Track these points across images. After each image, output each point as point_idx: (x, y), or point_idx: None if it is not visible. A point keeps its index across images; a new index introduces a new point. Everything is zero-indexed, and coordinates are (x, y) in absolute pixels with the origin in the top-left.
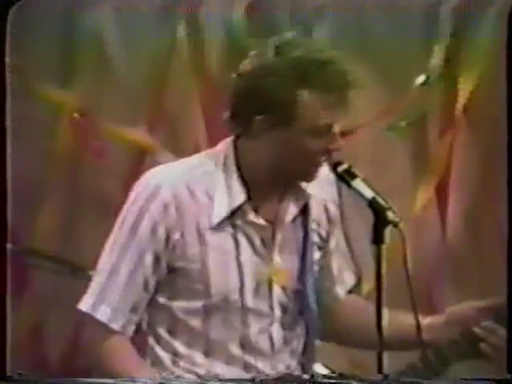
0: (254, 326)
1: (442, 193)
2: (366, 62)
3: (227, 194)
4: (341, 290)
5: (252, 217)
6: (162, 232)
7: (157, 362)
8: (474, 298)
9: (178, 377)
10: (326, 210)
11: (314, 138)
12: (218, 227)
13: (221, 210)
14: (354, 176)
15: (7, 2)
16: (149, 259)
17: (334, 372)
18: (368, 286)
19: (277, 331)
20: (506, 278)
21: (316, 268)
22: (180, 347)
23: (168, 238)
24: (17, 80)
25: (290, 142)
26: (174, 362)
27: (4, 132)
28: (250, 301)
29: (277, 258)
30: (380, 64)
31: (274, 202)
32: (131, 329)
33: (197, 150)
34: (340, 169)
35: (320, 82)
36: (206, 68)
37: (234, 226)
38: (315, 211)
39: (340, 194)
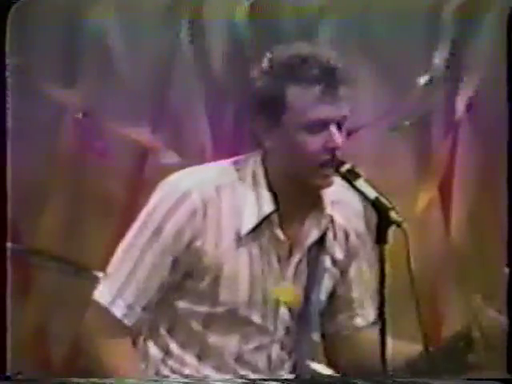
0: (254, 342)
1: (445, 192)
2: (369, 62)
3: (257, 203)
4: (361, 322)
5: (277, 231)
6: (186, 238)
7: (146, 357)
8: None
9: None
10: (347, 238)
11: (308, 133)
12: (243, 237)
13: (250, 219)
14: (357, 176)
15: (7, 2)
16: (168, 262)
17: (337, 372)
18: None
19: (276, 351)
20: (507, 279)
21: (324, 297)
22: (174, 346)
23: (190, 244)
24: (20, 80)
25: (286, 140)
26: (164, 360)
27: (4, 132)
28: (255, 316)
29: (289, 277)
30: (383, 64)
31: (298, 221)
32: (139, 326)
33: (200, 150)
34: (343, 169)
35: (303, 74)
36: (209, 68)
37: (256, 241)
38: (335, 239)
39: (368, 228)
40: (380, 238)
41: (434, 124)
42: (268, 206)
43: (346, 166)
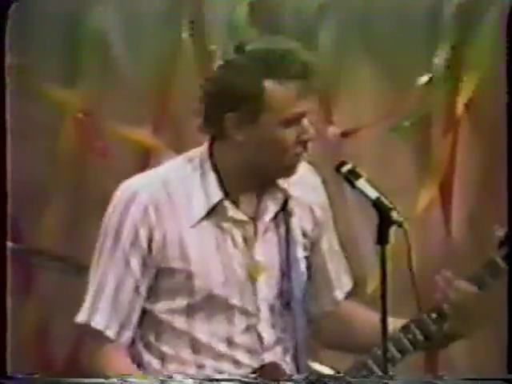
0: (240, 324)
1: (445, 192)
2: (369, 61)
3: (204, 193)
4: (340, 294)
5: (232, 212)
6: (144, 234)
7: (147, 369)
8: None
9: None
10: (312, 212)
11: (284, 128)
12: (199, 226)
13: (199, 209)
14: (357, 176)
15: (7, 2)
16: (135, 264)
17: (338, 372)
18: (373, 285)
19: (266, 330)
20: (507, 279)
21: (303, 267)
22: (167, 350)
23: (150, 240)
24: (20, 80)
25: (263, 136)
26: (163, 366)
27: (4, 132)
28: (234, 298)
29: (259, 254)
30: (383, 64)
31: (253, 199)
32: (126, 336)
33: None
34: (344, 169)
35: (281, 71)
36: (210, 68)
37: (215, 224)
38: (298, 212)
39: (329, 198)
40: (381, 238)
41: (435, 124)
42: (216, 195)
43: (347, 166)
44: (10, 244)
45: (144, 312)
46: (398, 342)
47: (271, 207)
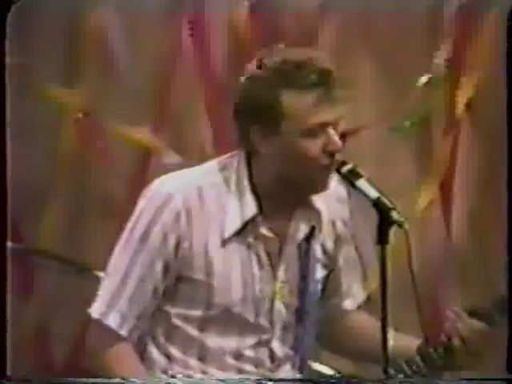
0: (251, 340)
1: (445, 192)
2: (369, 62)
3: (239, 207)
4: (350, 304)
5: (263, 230)
6: (172, 240)
7: (152, 365)
8: (478, 297)
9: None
10: (334, 227)
11: (307, 139)
12: (228, 240)
13: (233, 223)
14: (358, 176)
15: (8, 2)
16: (159, 267)
17: (339, 372)
18: (373, 286)
19: (278, 347)
20: (507, 277)
21: (319, 287)
22: (175, 352)
23: (178, 247)
24: (21, 80)
25: (286, 147)
26: (169, 367)
27: (4, 132)
28: (251, 315)
29: (281, 273)
30: (383, 64)
31: (285, 217)
32: (136, 334)
33: (202, 150)
34: (344, 169)
35: (297, 81)
36: (210, 68)
37: (243, 240)
38: (322, 229)
39: (351, 212)
40: (381, 238)
41: (435, 124)
42: (251, 210)
43: (348, 166)
44: (10, 244)
45: (157, 309)
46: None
47: (303, 228)
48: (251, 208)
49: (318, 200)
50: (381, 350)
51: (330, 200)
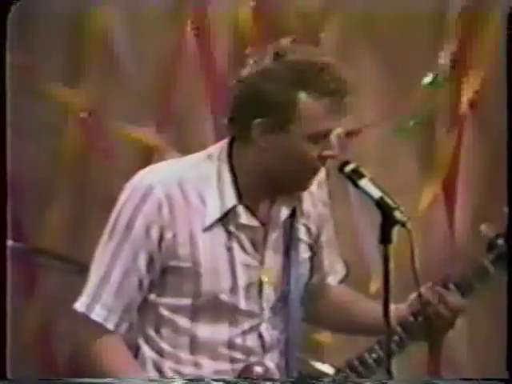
0: (242, 326)
1: (449, 192)
2: (373, 61)
3: (219, 196)
4: (332, 280)
5: (244, 219)
6: (155, 232)
7: (144, 362)
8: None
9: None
10: (316, 208)
11: (311, 143)
12: (210, 229)
13: (213, 213)
14: (361, 176)
15: (7, 1)
16: (142, 259)
17: (339, 370)
18: (376, 285)
19: (267, 331)
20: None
21: (307, 267)
22: (166, 347)
23: (161, 238)
24: (25, 80)
25: (288, 147)
26: (161, 362)
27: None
28: (240, 302)
29: (268, 258)
30: (387, 64)
31: (266, 203)
32: (124, 327)
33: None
34: (347, 168)
35: (318, 86)
36: (214, 68)
37: (226, 228)
38: (305, 210)
39: (329, 194)
40: (384, 238)
41: (438, 124)
42: (230, 201)
43: (351, 166)
44: (12, 243)
45: (146, 302)
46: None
47: (284, 211)
48: (231, 198)
49: None
50: (369, 321)
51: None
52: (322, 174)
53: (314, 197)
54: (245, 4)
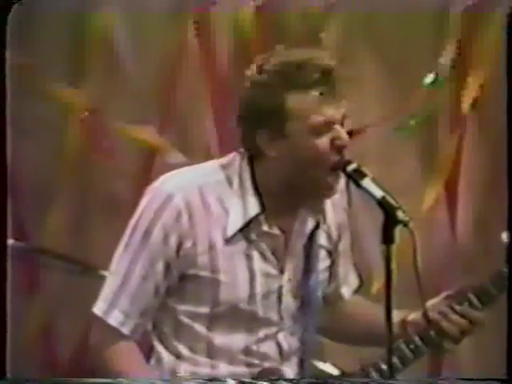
0: (260, 334)
1: (451, 191)
2: (375, 61)
3: (242, 206)
4: (346, 291)
5: (266, 227)
6: (174, 240)
7: (160, 363)
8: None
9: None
10: (337, 216)
11: (314, 138)
12: (231, 238)
13: (236, 222)
14: (363, 175)
15: (8, 1)
16: (160, 266)
17: (342, 372)
18: (378, 285)
19: (285, 339)
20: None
21: (325, 276)
22: (183, 350)
23: (180, 246)
24: (27, 80)
25: (294, 148)
26: (177, 364)
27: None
28: (259, 310)
29: (288, 266)
30: (389, 63)
31: (289, 212)
32: (139, 332)
33: (207, 150)
34: (349, 168)
35: (301, 80)
36: (215, 68)
37: (247, 237)
38: (328, 216)
39: (349, 202)
40: (387, 238)
41: (440, 123)
42: (253, 209)
43: (353, 166)
44: (14, 242)
45: (165, 306)
46: (400, 351)
47: (309, 223)
48: (254, 207)
49: None
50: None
51: None
52: (342, 182)
53: (336, 204)
54: (247, 4)
